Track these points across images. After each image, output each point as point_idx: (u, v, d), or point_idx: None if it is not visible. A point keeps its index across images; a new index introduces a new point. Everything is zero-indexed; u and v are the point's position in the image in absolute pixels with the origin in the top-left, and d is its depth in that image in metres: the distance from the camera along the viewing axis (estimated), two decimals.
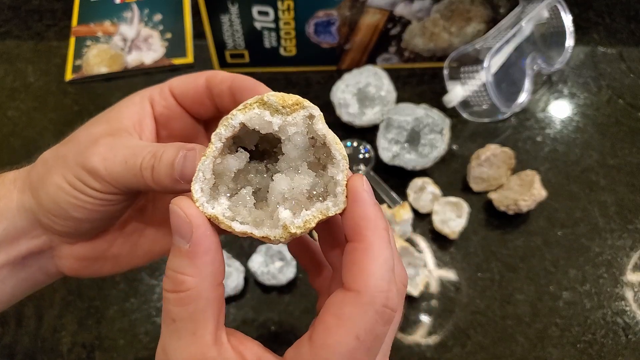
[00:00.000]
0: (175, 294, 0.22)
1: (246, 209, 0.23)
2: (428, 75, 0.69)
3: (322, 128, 0.23)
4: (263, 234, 0.23)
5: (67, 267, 0.30)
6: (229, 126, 0.23)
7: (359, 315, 0.20)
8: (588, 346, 0.52)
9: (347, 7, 0.61)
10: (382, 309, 0.20)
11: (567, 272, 0.56)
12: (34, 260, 0.30)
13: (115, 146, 0.26)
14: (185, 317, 0.21)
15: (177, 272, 0.22)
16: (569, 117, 0.67)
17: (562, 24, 0.66)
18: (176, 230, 0.22)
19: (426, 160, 0.59)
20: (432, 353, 0.51)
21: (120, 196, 0.27)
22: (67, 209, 0.26)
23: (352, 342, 0.20)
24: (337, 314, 0.20)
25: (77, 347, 0.51)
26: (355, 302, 0.20)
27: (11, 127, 0.66)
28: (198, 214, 0.22)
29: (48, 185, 0.26)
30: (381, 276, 0.20)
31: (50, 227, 0.28)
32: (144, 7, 0.75)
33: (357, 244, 0.21)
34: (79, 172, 0.26)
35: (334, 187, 0.23)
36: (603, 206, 0.60)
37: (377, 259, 0.21)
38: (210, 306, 0.22)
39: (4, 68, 0.71)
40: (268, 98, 0.23)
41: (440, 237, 0.57)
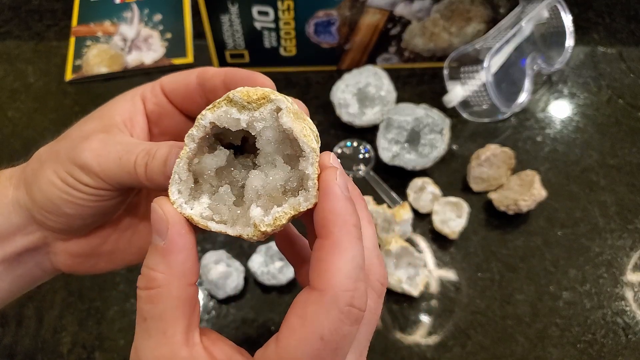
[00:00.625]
0: (146, 291, 0.22)
1: (226, 207, 0.23)
2: (428, 75, 0.69)
3: (287, 121, 0.22)
4: (236, 232, 0.23)
5: (62, 263, 0.30)
6: (200, 126, 0.22)
7: (322, 315, 0.19)
8: (588, 346, 0.52)
9: (347, 7, 0.61)
10: (347, 308, 0.19)
11: (567, 272, 0.56)
12: (30, 257, 0.30)
13: (108, 143, 0.26)
14: (156, 316, 0.21)
15: (150, 268, 0.22)
16: (569, 117, 0.67)
17: (562, 24, 0.66)
18: (154, 227, 0.22)
19: (426, 160, 0.59)
20: (432, 353, 0.51)
21: (113, 192, 0.27)
22: (59, 205, 0.26)
23: (316, 343, 0.19)
24: (301, 314, 0.20)
25: (77, 347, 0.51)
26: (318, 302, 0.19)
27: (11, 127, 0.66)
28: (175, 212, 0.22)
29: (41, 181, 0.26)
30: (347, 274, 0.20)
31: (44, 223, 0.28)
32: (144, 7, 0.75)
33: (323, 240, 0.20)
34: (70, 168, 0.26)
35: (305, 181, 0.22)
36: (603, 206, 0.60)
37: (343, 256, 0.20)
38: (182, 305, 0.21)
39: (4, 68, 0.71)
40: (233, 95, 0.22)
41: (440, 237, 0.57)
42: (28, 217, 0.28)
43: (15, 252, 0.29)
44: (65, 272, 0.31)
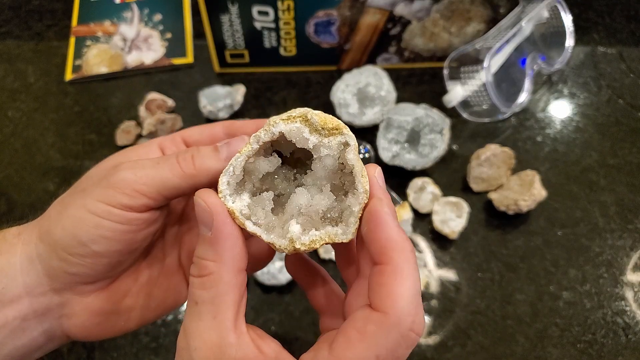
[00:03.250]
0: (199, 278, 0.23)
1: (263, 211, 0.24)
2: (428, 75, 0.69)
3: (353, 158, 0.24)
4: (270, 240, 0.24)
5: (78, 325, 0.28)
6: (269, 132, 0.24)
7: (382, 335, 0.20)
8: (588, 346, 0.52)
9: (347, 7, 0.61)
10: (408, 332, 0.20)
11: (567, 272, 0.56)
12: (37, 322, 0.28)
13: (139, 161, 0.26)
14: (207, 300, 0.22)
15: (201, 258, 0.23)
16: (569, 117, 0.67)
17: (562, 24, 0.66)
18: (200, 220, 0.23)
19: (426, 160, 0.59)
20: (432, 353, 0.51)
21: (144, 215, 0.26)
22: (85, 242, 0.25)
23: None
24: (361, 330, 0.20)
25: (77, 347, 0.51)
26: (381, 322, 0.20)
27: (12, 127, 0.66)
28: (218, 203, 0.23)
29: (65, 221, 0.25)
30: (409, 300, 0.20)
31: (63, 272, 0.26)
32: (143, 7, 0.75)
33: (384, 267, 0.21)
34: (102, 194, 0.25)
35: (348, 216, 0.24)
36: (603, 206, 0.60)
37: (405, 282, 0.21)
38: (231, 291, 0.23)
39: (4, 68, 0.71)
40: (311, 116, 0.23)
41: (440, 237, 0.57)
42: (39, 276, 0.27)
43: (19, 317, 0.27)
44: (76, 337, 0.29)
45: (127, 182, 0.25)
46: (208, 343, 0.22)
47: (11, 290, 0.26)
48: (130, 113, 0.66)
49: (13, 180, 0.62)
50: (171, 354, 0.51)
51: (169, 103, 0.66)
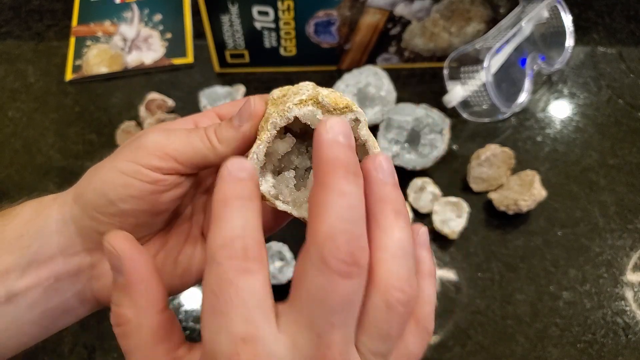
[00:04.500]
0: (119, 328, 0.22)
1: (287, 189, 0.26)
2: (428, 75, 0.69)
3: (366, 134, 0.26)
4: (301, 215, 0.26)
5: (108, 286, 0.29)
6: (284, 117, 0.25)
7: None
8: (588, 346, 0.52)
9: (347, 7, 0.61)
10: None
11: (567, 272, 0.56)
12: (70, 283, 0.28)
13: (172, 128, 0.28)
14: (133, 349, 0.22)
15: (117, 305, 0.22)
16: (568, 117, 0.67)
17: (562, 24, 0.66)
18: (110, 264, 0.23)
19: (426, 160, 0.59)
20: (432, 353, 0.51)
21: (173, 178, 0.27)
22: (114, 200, 0.26)
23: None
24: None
25: (78, 347, 0.51)
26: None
27: (12, 127, 0.66)
28: (127, 247, 0.22)
29: (96, 181, 0.27)
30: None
31: (94, 231, 0.27)
32: (144, 7, 0.75)
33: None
34: (133, 155, 0.26)
35: None
36: (603, 206, 0.60)
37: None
38: (156, 333, 0.22)
39: (4, 68, 0.71)
40: (322, 99, 0.25)
41: (440, 237, 0.57)
42: (72, 236, 0.27)
43: (52, 276, 0.27)
44: (103, 302, 0.30)
45: (159, 144, 0.26)
46: None
47: (46, 249, 0.27)
48: (131, 113, 0.66)
49: (13, 180, 0.62)
50: None
51: (169, 103, 0.66)
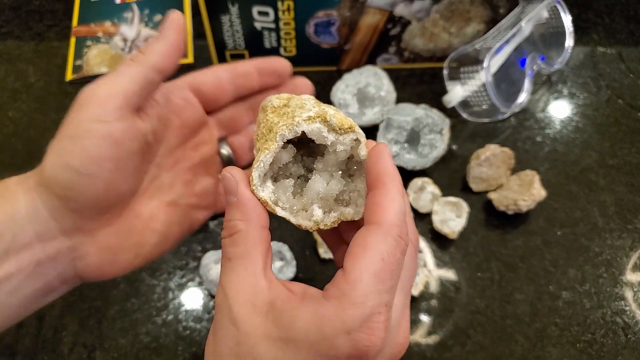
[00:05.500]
0: (229, 238, 0.26)
1: (285, 196, 0.28)
2: (428, 76, 0.69)
3: (364, 154, 0.28)
4: (298, 222, 0.28)
5: (91, 264, 0.30)
6: (292, 131, 0.27)
7: (381, 242, 0.24)
8: (588, 346, 0.52)
9: (347, 7, 0.61)
10: (398, 238, 0.24)
11: (566, 272, 0.56)
12: (51, 267, 0.29)
13: (98, 79, 0.29)
14: (238, 255, 0.26)
15: (230, 220, 0.26)
16: (568, 117, 0.67)
17: (562, 24, 0.66)
18: (227, 190, 0.27)
19: (426, 160, 0.59)
20: (432, 353, 0.51)
21: (124, 123, 0.28)
22: (75, 167, 0.26)
23: (378, 264, 0.23)
24: (363, 243, 0.24)
25: (78, 346, 0.52)
26: (376, 232, 0.24)
27: (12, 127, 0.66)
28: (241, 174, 0.27)
29: (52, 155, 0.27)
30: (396, 214, 0.25)
31: (65, 209, 0.27)
32: (144, 8, 0.75)
33: (378, 190, 0.25)
34: (77, 117, 0.27)
35: (356, 198, 0.29)
36: (602, 206, 0.60)
37: (394, 201, 0.25)
38: (259, 245, 0.26)
39: (4, 68, 0.71)
40: (330, 119, 0.27)
41: (439, 237, 0.57)
42: (46, 221, 0.28)
43: (33, 262, 0.28)
44: (89, 278, 0.31)
45: (95, 93, 0.27)
46: (243, 291, 0.25)
47: (22, 238, 0.27)
48: None
49: None
50: (172, 354, 0.51)
51: None
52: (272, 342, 0.23)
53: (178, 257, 0.56)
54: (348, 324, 0.22)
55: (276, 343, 0.23)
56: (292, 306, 0.24)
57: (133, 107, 0.29)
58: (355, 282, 0.23)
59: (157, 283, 0.55)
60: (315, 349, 0.23)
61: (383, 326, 0.23)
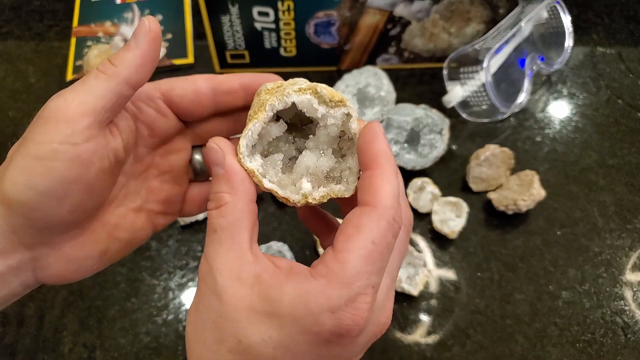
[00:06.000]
0: (216, 210, 0.26)
1: (274, 171, 0.28)
2: (427, 76, 0.69)
3: (355, 128, 0.27)
4: (286, 195, 0.27)
5: (54, 274, 0.29)
6: (282, 101, 0.27)
7: (374, 224, 0.24)
8: (587, 345, 0.52)
9: (347, 7, 0.61)
10: (392, 221, 0.24)
11: (566, 272, 0.56)
12: (13, 276, 0.28)
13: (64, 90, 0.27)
14: (225, 227, 0.25)
15: (217, 192, 0.26)
16: (568, 117, 0.67)
17: (562, 25, 0.66)
18: (213, 161, 0.27)
19: (426, 160, 0.59)
20: (432, 352, 0.51)
21: (91, 144, 0.26)
22: (41, 191, 0.25)
23: (369, 246, 0.23)
24: (356, 224, 0.24)
25: (78, 346, 0.52)
26: (370, 214, 0.24)
27: (12, 127, 0.66)
28: (229, 145, 0.27)
29: (13, 173, 0.25)
30: (391, 196, 0.24)
31: (29, 228, 0.26)
32: (144, 8, 0.75)
33: (372, 171, 0.25)
34: (42, 134, 0.25)
35: (348, 175, 0.28)
36: (602, 206, 0.60)
37: (388, 182, 0.25)
38: (246, 218, 0.26)
39: (5, 68, 0.71)
40: (321, 90, 0.27)
41: (439, 236, 0.57)
42: (6, 235, 0.26)
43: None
44: (50, 284, 0.30)
45: (63, 110, 0.25)
46: (229, 263, 0.24)
47: None
48: None
49: None
50: (172, 354, 0.51)
51: None
52: (256, 315, 0.23)
53: (178, 257, 0.56)
54: (333, 302, 0.22)
55: (260, 316, 0.23)
56: (279, 281, 0.24)
57: (103, 124, 0.27)
58: (345, 262, 0.23)
59: (157, 283, 0.55)
60: (299, 325, 0.23)
61: (368, 307, 0.23)
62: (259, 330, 0.23)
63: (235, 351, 0.23)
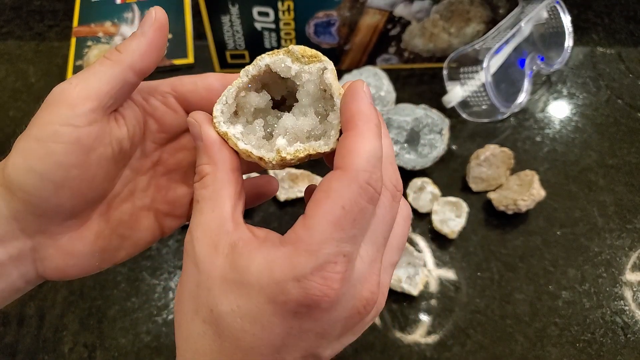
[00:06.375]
0: (200, 182, 0.26)
1: (255, 137, 0.27)
2: (427, 76, 0.70)
3: (330, 77, 0.26)
4: (260, 154, 0.26)
5: (53, 267, 0.29)
6: (256, 65, 0.27)
7: (344, 188, 0.22)
8: (587, 345, 0.52)
9: (347, 7, 0.61)
10: (366, 185, 0.22)
11: (566, 272, 0.56)
12: (14, 267, 0.28)
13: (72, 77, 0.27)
14: (206, 197, 0.25)
15: (199, 165, 0.26)
16: (568, 117, 0.67)
17: (561, 25, 0.66)
18: (193, 135, 0.27)
19: (426, 160, 0.59)
20: (432, 352, 0.51)
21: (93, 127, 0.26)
22: (41, 173, 0.25)
23: (338, 211, 0.22)
24: (325, 189, 0.23)
25: (78, 346, 0.52)
26: (340, 177, 0.22)
27: (13, 127, 0.66)
28: (205, 117, 0.27)
29: (16, 156, 0.25)
30: (366, 158, 0.22)
31: (29, 214, 0.26)
32: (144, 8, 0.75)
33: (349, 132, 0.24)
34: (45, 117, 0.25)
35: (329, 129, 0.27)
36: (602, 206, 0.60)
37: (365, 144, 0.23)
38: (226, 187, 0.25)
39: (5, 68, 0.71)
40: (292, 48, 0.27)
41: (439, 236, 0.57)
42: (8, 222, 0.26)
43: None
44: (52, 279, 0.30)
45: (67, 93, 0.25)
46: (207, 232, 0.24)
47: None
48: None
49: None
50: (173, 353, 0.51)
51: None
52: (227, 284, 0.23)
53: (178, 257, 0.56)
54: (298, 270, 0.22)
55: (230, 285, 0.23)
56: (250, 249, 0.23)
57: (107, 110, 0.26)
58: (312, 228, 0.22)
59: (157, 282, 0.55)
60: (265, 293, 0.22)
61: (339, 277, 0.22)
62: (227, 300, 0.23)
63: (208, 321, 0.23)
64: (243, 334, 0.23)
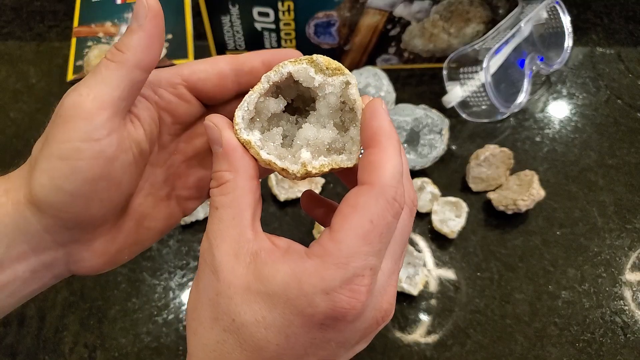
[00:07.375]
0: (217, 188, 0.26)
1: (273, 145, 0.27)
2: (427, 76, 0.70)
3: (355, 94, 0.26)
4: (284, 165, 0.26)
5: (86, 267, 0.29)
6: (278, 72, 0.26)
7: (371, 203, 0.23)
8: (587, 345, 0.52)
9: (347, 8, 0.61)
10: (392, 200, 0.23)
11: (565, 272, 0.56)
12: (47, 271, 0.28)
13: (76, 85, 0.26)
14: (226, 204, 0.25)
15: (218, 171, 0.26)
16: (567, 117, 0.67)
17: (561, 25, 0.66)
18: (211, 139, 0.26)
19: (425, 160, 0.59)
20: (432, 352, 0.51)
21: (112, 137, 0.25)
22: (69, 190, 0.25)
23: (366, 225, 0.22)
24: (353, 203, 0.23)
25: (78, 346, 0.52)
26: (368, 192, 0.23)
27: (14, 128, 0.66)
28: (226, 122, 0.26)
29: (40, 176, 0.25)
30: (392, 174, 0.23)
31: (60, 228, 0.26)
32: None
33: (373, 149, 0.24)
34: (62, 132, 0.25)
35: (351, 146, 0.27)
36: (602, 206, 0.60)
37: (389, 160, 0.23)
38: (247, 195, 0.25)
39: (6, 69, 0.71)
40: (317, 58, 0.26)
41: (439, 236, 0.57)
42: (39, 233, 0.26)
43: (28, 270, 0.27)
44: (82, 275, 0.30)
45: (80, 106, 0.24)
46: (228, 240, 0.24)
47: (16, 249, 0.26)
48: None
49: None
50: (173, 354, 0.51)
51: None
52: (250, 294, 0.23)
53: (179, 257, 0.57)
54: (327, 283, 0.22)
55: (254, 295, 0.23)
56: (274, 259, 0.23)
57: (122, 114, 0.26)
58: (341, 241, 0.22)
59: (158, 283, 0.55)
60: (292, 305, 0.22)
61: (365, 290, 0.22)
62: (251, 310, 0.23)
63: (229, 330, 0.23)
64: (267, 344, 0.23)
